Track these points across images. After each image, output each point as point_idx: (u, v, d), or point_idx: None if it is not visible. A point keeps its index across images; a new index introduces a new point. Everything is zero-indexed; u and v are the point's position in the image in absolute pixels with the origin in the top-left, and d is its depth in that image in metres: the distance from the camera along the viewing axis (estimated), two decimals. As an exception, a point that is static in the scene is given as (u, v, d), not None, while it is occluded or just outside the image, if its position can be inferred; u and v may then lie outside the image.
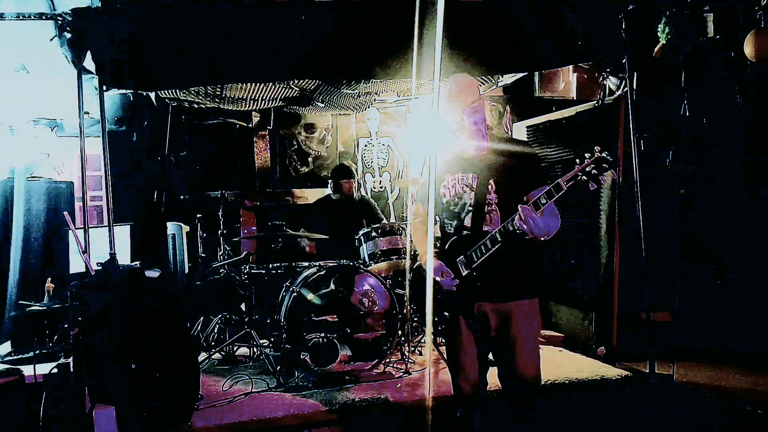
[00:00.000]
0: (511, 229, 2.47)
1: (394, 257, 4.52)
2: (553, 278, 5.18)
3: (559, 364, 4.29)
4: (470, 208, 2.66)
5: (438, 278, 2.67)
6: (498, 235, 2.52)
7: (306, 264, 4.49)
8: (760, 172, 4.63)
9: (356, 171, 5.19)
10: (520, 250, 2.56)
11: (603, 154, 2.35)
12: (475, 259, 2.60)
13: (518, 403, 2.68)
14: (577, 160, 2.38)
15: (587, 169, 2.35)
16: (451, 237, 2.74)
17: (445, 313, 2.74)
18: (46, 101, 4.76)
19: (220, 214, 5.02)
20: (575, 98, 5.21)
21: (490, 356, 2.79)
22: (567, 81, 5.20)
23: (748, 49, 4.10)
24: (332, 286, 4.07)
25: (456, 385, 2.80)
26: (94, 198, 5.76)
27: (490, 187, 2.62)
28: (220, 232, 5.00)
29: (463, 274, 2.65)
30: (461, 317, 2.71)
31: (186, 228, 5.01)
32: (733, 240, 4.62)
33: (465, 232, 2.67)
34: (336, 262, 4.27)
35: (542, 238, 2.42)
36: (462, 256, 2.65)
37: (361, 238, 4.62)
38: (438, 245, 2.84)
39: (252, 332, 4.48)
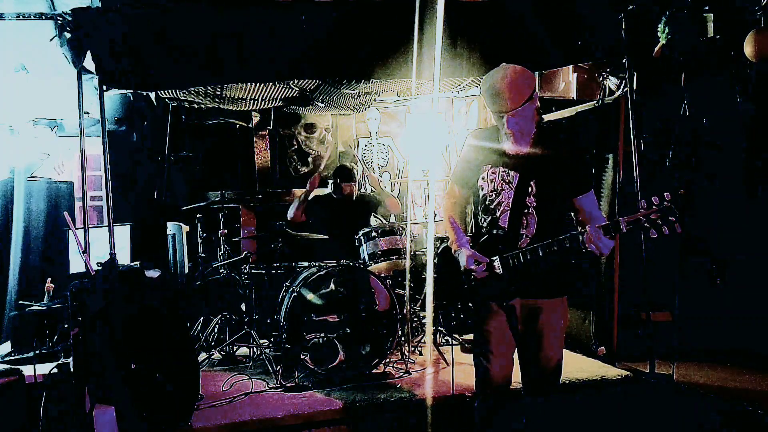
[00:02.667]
0: (570, 245, 2.44)
1: (394, 257, 4.52)
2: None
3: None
4: (507, 208, 2.59)
5: (473, 267, 2.60)
6: (554, 247, 2.46)
7: (306, 264, 4.49)
8: (760, 172, 4.63)
9: (357, 172, 5.20)
10: (560, 255, 2.52)
11: (672, 206, 2.28)
12: (515, 264, 2.56)
13: (535, 396, 2.71)
14: (643, 203, 2.33)
15: (652, 217, 2.30)
16: (484, 233, 2.67)
17: (471, 303, 2.72)
18: (46, 101, 4.76)
19: (220, 214, 5.02)
20: (575, 98, 5.20)
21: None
22: (567, 81, 5.18)
23: (748, 49, 4.10)
24: (332, 286, 4.08)
25: (485, 376, 2.72)
26: (94, 198, 5.76)
27: (530, 189, 2.55)
28: (220, 232, 5.00)
29: (500, 273, 2.59)
30: (492, 309, 2.67)
31: (186, 228, 5.01)
32: (733, 240, 4.61)
33: (499, 231, 2.61)
34: (336, 262, 4.27)
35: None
36: (498, 257, 2.59)
37: (361, 238, 4.62)
38: (470, 235, 2.79)
39: (252, 332, 4.48)
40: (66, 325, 3.57)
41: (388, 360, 4.22)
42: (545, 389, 2.70)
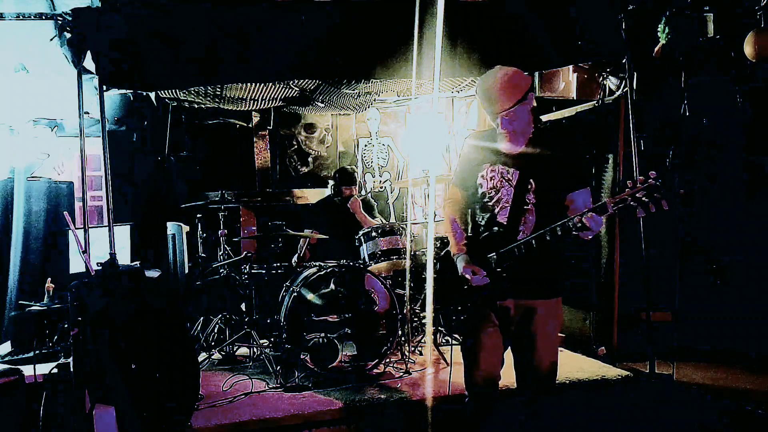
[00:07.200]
0: (562, 233, 2.41)
1: (394, 257, 4.52)
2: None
3: (560, 364, 4.25)
4: (506, 205, 2.60)
5: (468, 276, 2.61)
6: (547, 236, 2.44)
7: (306, 264, 4.49)
8: (760, 173, 4.63)
9: (357, 176, 5.19)
10: (550, 250, 2.53)
11: (657, 182, 2.20)
12: (509, 258, 2.56)
13: (531, 396, 2.72)
14: (629, 183, 2.27)
15: (637, 195, 2.23)
16: (482, 231, 2.68)
17: (468, 305, 2.71)
18: (46, 101, 4.76)
19: (220, 214, 5.02)
20: (575, 98, 5.20)
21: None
22: (567, 81, 5.18)
23: (748, 49, 4.10)
24: (332, 286, 4.08)
25: (470, 378, 2.76)
26: (94, 198, 5.76)
27: (530, 186, 2.56)
28: (220, 232, 5.00)
29: (496, 271, 2.59)
30: (484, 311, 2.68)
31: (186, 228, 5.01)
32: (733, 240, 4.62)
33: (497, 228, 2.62)
34: (336, 261, 4.26)
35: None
36: (494, 254, 2.60)
37: (361, 238, 4.61)
38: (468, 236, 2.78)
39: (252, 332, 4.48)
40: (66, 325, 3.56)
41: (388, 360, 4.22)
42: (540, 391, 2.71)
